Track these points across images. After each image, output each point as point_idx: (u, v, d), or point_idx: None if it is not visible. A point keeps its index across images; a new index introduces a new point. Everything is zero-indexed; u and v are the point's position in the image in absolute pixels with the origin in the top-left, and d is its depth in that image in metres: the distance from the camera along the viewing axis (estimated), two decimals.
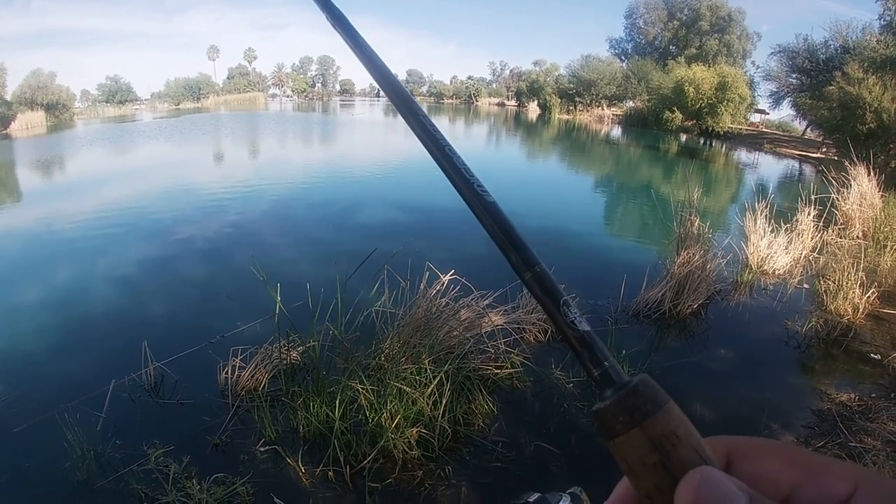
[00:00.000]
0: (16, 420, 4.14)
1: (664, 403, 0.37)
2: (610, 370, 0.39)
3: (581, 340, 0.40)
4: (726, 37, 61.74)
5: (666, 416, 0.36)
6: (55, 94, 56.44)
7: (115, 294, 7.04)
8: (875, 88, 20.05)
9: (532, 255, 0.43)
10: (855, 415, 4.52)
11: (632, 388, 0.37)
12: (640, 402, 0.37)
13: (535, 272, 0.42)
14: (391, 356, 4.23)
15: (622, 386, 0.38)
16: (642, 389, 0.37)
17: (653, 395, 0.37)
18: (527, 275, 0.42)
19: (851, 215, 10.68)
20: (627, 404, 0.37)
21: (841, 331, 6.03)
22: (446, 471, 3.68)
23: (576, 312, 0.41)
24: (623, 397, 0.37)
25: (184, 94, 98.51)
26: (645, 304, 6.48)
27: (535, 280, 0.42)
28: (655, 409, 0.36)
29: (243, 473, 3.52)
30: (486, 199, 0.44)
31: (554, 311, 0.41)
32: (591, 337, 0.40)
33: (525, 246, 0.43)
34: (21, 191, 17.25)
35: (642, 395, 0.37)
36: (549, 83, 75.04)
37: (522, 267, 0.43)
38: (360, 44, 0.53)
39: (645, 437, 0.36)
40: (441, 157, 0.46)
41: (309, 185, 16.26)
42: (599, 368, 0.39)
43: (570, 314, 0.41)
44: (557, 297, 0.41)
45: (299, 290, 4.73)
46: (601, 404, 0.38)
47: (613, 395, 0.38)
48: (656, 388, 0.38)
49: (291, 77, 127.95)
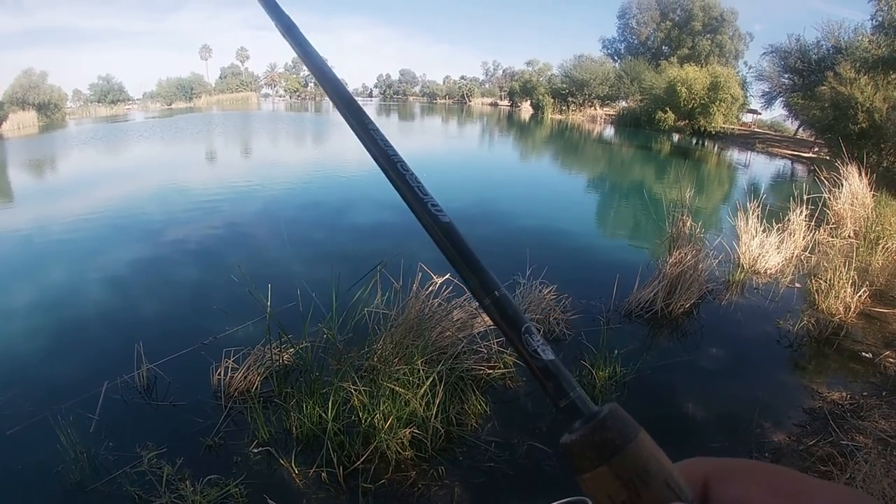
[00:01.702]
0: (8, 422, 4.13)
1: (633, 437, 0.36)
2: (577, 401, 0.38)
3: (545, 370, 0.39)
4: (719, 37, 61.92)
5: (636, 451, 0.35)
6: (47, 94, 56.28)
7: (107, 295, 7.02)
8: (867, 88, 20.14)
9: (492, 279, 0.41)
10: (847, 413, 4.55)
11: (599, 422, 0.36)
12: (608, 436, 0.36)
13: (495, 298, 0.40)
14: (384, 357, 4.24)
15: (590, 418, 0.37)
16: (610, 423, 0.36)
17: (622, 428, 0.36)
18: (486, 300, 0.40)
19: (843, 215, 10.74)
20: (595, 439, 0.36)
21: (832, 330, 6.06)
22: (439, 471, 3.68)
23: (539, 340, 0.39)
24: (591, 431, 0.36)
25: (176, 94, 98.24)
26: (637, 304, 6.50)
27: (495, 306, 0.40)
28: (624, 443, 0.35)
29: (237, 475, 3.52)
30: (441, 220, 0.42)
31: (515, 340, 0.39)
32: (555, 366, 0.39)
33: (484, 269, 0.41)
34: (12, 192, 17.15)
35: (610, 429, 0.36)
36: (542, 83, 75.13)
37: (481, 292, 0.41)
38: (309, 53, 0.50)
39: (613, 475, 0.35)
40: (393, 173, 0.44)
41: (301, 185, 16.23)
42: (565, 399, 0.38)
43: (533, 342, 0.39)
44: (519, 325, 0.39)
45: (292, 292, 4.73)
46: (568, 437, 0.37)
47: (581, 427, 0.37)
48: (626, 418, 0.37)
49: (284, 77, 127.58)
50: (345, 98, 0.47)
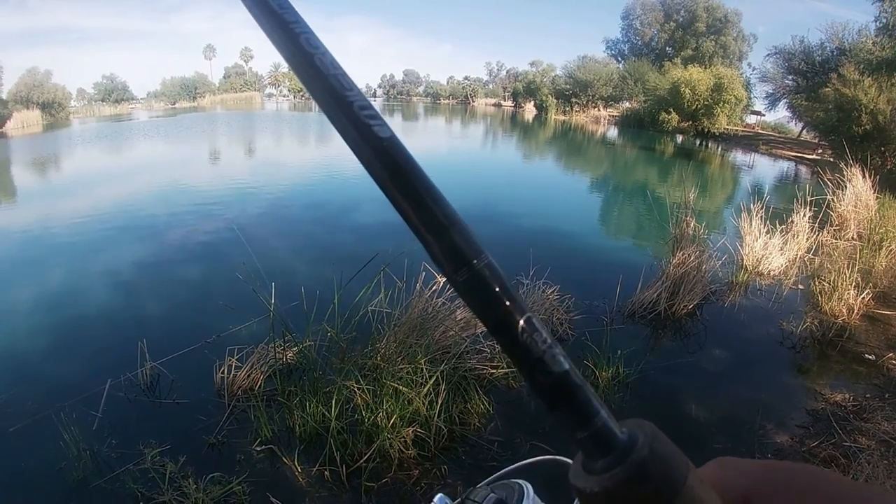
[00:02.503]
0: (12, 420, 4.14)
1: (682, 484, 0.26)
2: (604, 430, 0.27)
3: (556, 388, 0.28)
4: (722, 38, 61.89)
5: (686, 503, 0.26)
6: (51, 93, 56.45)
7: (110, 293, 7.03)
8: (871, 90, 20.12)
9: (473, 243, 0.27)
10: (849, 415, 4.54)
11: (637, 465, 0.26)
12: (648, 488, 0.25)
13: (474, 271, 0.27)
14: (387, 356, 4.24)
15: (622, 455, 0.26)
16: (652, 467, 0.26)
17: (667, 474, 0.26)
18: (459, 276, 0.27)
19: (846, 216, 10.72)
20: (630, 494, 0.25)
21: (836, 331, 6.05)
22: (442, 470, 3.69)
23: (546, 339, 0.28)
24: (624, 480, 0.26)
25: (180, 94, 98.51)
26: (640, 305, 6.49)
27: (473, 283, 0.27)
28: (672, 495, 0.26)
29: (239, 473, 3.52)
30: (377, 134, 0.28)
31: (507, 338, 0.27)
32: (568, 380, 0.28)
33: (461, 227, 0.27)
34: (16, 190, 17.20)
35: (653, 478, 0.26)
36: (546, 84, 75.15)
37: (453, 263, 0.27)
38: None
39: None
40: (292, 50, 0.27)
41: (305, 185, 16.25)
42: (585, 430, 0.27)
43: (539, 343, 0.27)
44: (516, 315, 0.27)
45: (295, 290, 4.73)
46: (588, 483, 0.27)
47: (607, 468, 0.26)
48: (671, 457, 0.27)
49: (288, 77, 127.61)
50: None
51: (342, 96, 0.26)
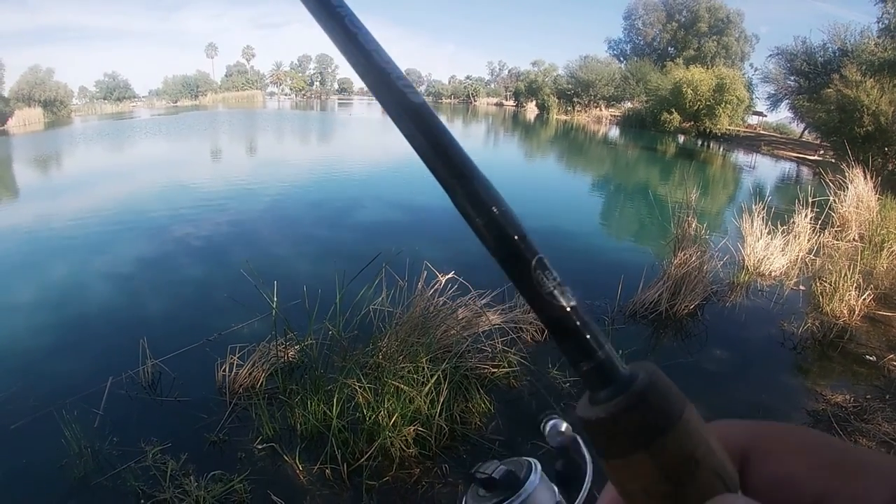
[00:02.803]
0: (13, 417, 4.14)
1: (680, 415, 0.28)
2: (606, 363, 0.28)
3: (562, 322, 0.29)
4: (725, 39, 61.95)
5: (682, 435, 0.27)
6: (53, 91, 56.53)
7: (112, 291, 7.04)
8: (873, 91, 20.10)
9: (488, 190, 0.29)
10: (850, 416, 4.54)
11: (637, 395, 0.28)
12: (648, 415, 0.27)
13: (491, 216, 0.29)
14: (389, 355, 4.24)
15: (623, 387, 0.28)
16: (651, 396, 0.28)
17: (665, 403, 0.28)
18: (478, 220, 0.29)
19: (848, 218, 10.72)
20: (630, 418, 0.27)
21: (837, 332, 6.04)
22: (443, 469, 3.69)
23: (555, 279, 0.29)
24: (624, 408, 0.27)
25: (182, 92, 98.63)
26: (641, 305, 6.49)
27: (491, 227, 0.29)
28: (668, 425, 0.27)
29: (241, 471, 3.52)
30: (412, 100, 0.29)
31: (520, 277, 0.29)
32: (577, 315, 0.29)
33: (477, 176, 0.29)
34: (18, 187, 17.22)
35: (651, 406, 0.27)
36: (548, 83, 75.24)
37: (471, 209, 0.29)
38: None
39: (653, 465, 0.27)
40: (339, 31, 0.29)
41: (307, 183, 16.26)
42: (589, 361, 0.29)
43: (548, 282, 0.29)
44: (527, 256, 0.28)
45: (297, 289, 4.73)
46: (592, 411, 0.28)
47: (610, 398, 0.28)
48: (669, 390, 0.29)
49: (290, 75, 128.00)
50: None
51: (382, 69, 0.29)
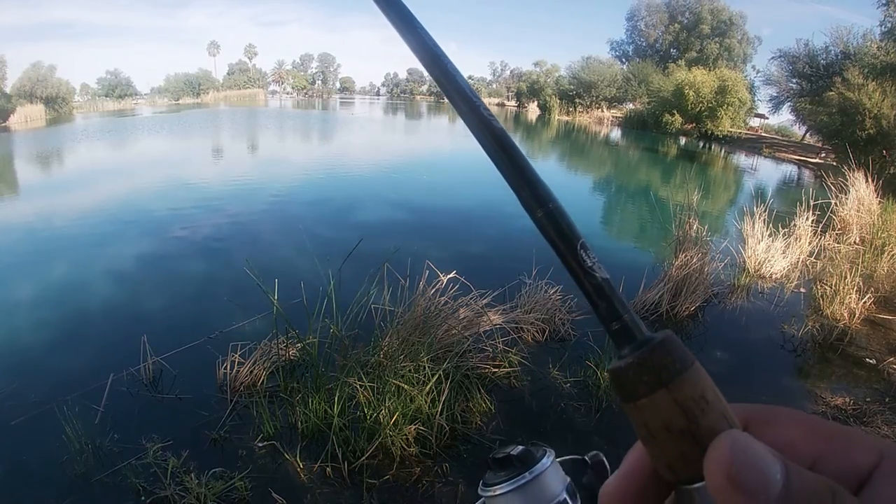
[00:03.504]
0: (14, 412, 4.15)
1: (692, 363, 0.34)
2: (630, 323, 0.36)
3: (599, 289, 0.37)
4: (727, 40, 61.92)
5: (694, 377, 0.34)
6: (55, 88, 56.51)
7: (113, 289, 7.04)
8: (875, 94, 20.11)
9: (545, 191, 0.38)
10: (849, 418, 4.55)
11: (657, 345, 0.34)
12: (666, 360, 0.34)
13: (548, 209, 0.38)
14: (390, 354, 4.24)
15: (645, 342, 0.35)
16: (668, 346, 0.34)
17: (680, 354, 0.34)
18: (538, 213, 0.38)
19: (849, 220, 10.73)
20: (652, 363, 0.33)
21: (837, 335, 6.05)
22: (443, 468, 3.70)
23: (594, 258, 0.38)
24: (647, 355, 0.34)
25: (183, 90, 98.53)
26: (642, 306, 6.49)
27: (548, 218, 0.38)
28: (683, 368, 0.34)
29: (241, 468, 3.53)
30: (493, 125, 0.40)
31: (569, 255, 0.37)
32: (609, 286, 0.37)
33: (537, 179, 0.39)
34: (19, 184, 17.23)
35: (669, 353, 0.34)
36: (550, 84, 75.21)
37: (534, 204, 0.38)
38: None
39: (672, 400, 0.33)
40: (439, 73, 0.41)
41: (308, 182, 16.25)
42: (618, 322, 0.36)
43: (588, 259, 0.37)
44: (573, 240, 0.37)
45: (298, 287, 4.74)
46: (620, 363, 0.35)
47: (635, 351, 0.34)
48: (682, 346, 0.35)
49: (292, 74, 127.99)
50: None
51: (474, 102, 0.40)
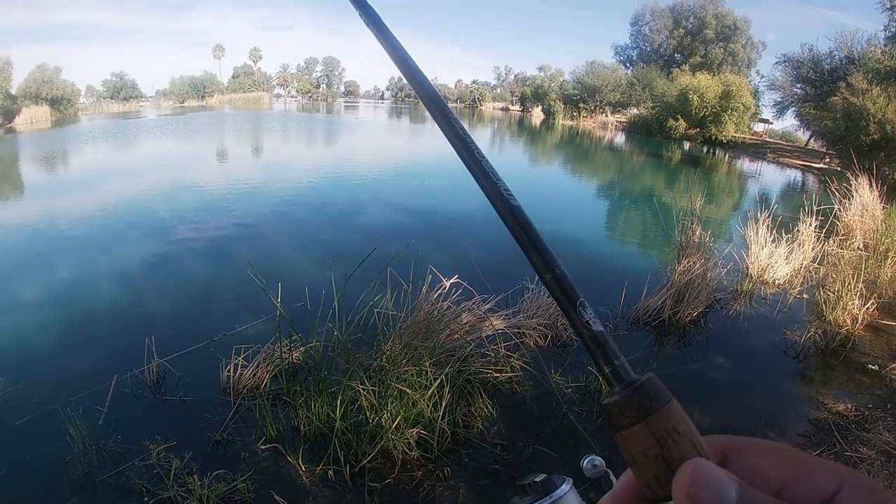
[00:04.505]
0: (18, 413, 4.16)
1: (667, 401, 0.39)
2: (619, 368, 0.41)
3: (595, 340, 0.42)
4: (731, 45, 61.83)
5: (668, 413, 0.39)
6: (60, 89, 56.67)
7: (118, 291, 7.07)
8: (879, 100, 20.11)
9: (552, 258, 0.45)
10: (851, 424, 4.54)
11: (639, 386, 0.40)
12: (645, 399, 0.39)
13: (556, 274, 0.44)
14: (392, 358, 4.26)
15: (630, 383, 0.40)
16: (648, 388, 0.40)
17: (657, 393, 0.40)
18: (547, 276, 0.44)
19: (853, 226, 10.70)
20: (634, 400, 0.39)
21: (839, 341, 6.05)
22: (445, 472, 3.70)
23: (591, 313, 0.43)
24: (630, 394, 0.40)
25: (188, 93, 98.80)
26: (645, 311, 6.49)
27: (555, 281, 0.44)
28: (659, 405, 0.39)
29: (244, 470, 3.55)
30: (511, 203, 0.47)
31: (571, 312, 0.43)
32: (603, 337, 0.42)
33: (546, 248, 0.45)
34: (25, 185, 17.30)
35: (648, 393, 0.39)
36: (554, 89, 75.19)
37: (543, 269, 0.44)
38: (394, 45, 0.53)
39: (648, 431, 0.38)
40: (470, 160, 0.48)
41: (312, 186, 16.27)
42: (610, 366, 0.42)
43: (586, 315, 0.43)
44: (574, 299, 0.44)
45: (301, 291, 4.76)
46: (610, 399, 0.40)
47: (622, 391, 0.40)
48: (661, 386, 0.40)
49: (296, 77, 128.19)
50: (428, 90, 0.51)
51: (495, 183, 0.47)
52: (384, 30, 0.54)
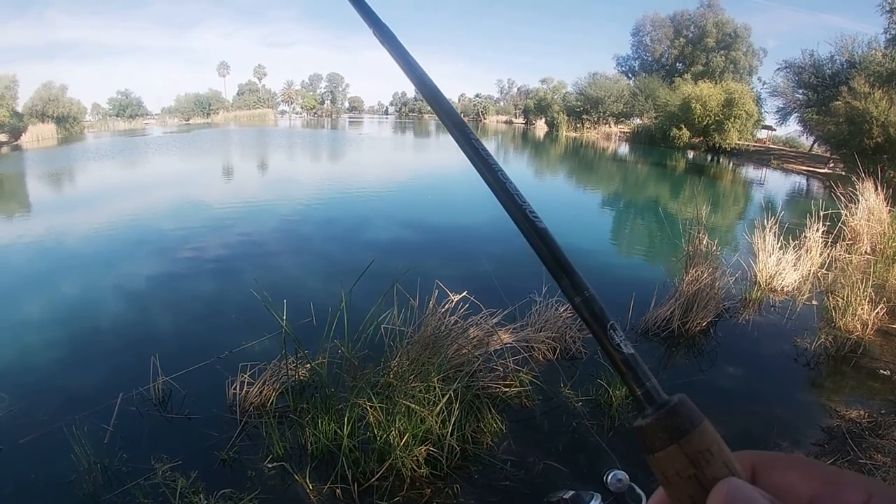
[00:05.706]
0: (23, 431, 4.16)
1: (700, 422, 0.39)
2: (651, 390, 0.41)
3: (626, 362, 0.42)
4: (732, 53, 61.95)
5: (701, 434, 0.39)
6: (66, 107, 57.05)
7: (123, 308, 7.07)
8: (881, 103, 20.10)
9: (581, 281, 0.44)
10: (864, 431, 4.49)
11: (671, 408, 0.39)
12: (678, 420, 0.39)
13: (585, 297, 0.43)
14: (400, 374, 4.22)
15: (662, 405, 0.40)
16: (680, 409, 0.40)
17: (690, 415, 0.39)
18: (577, 300, 0.43)
19: (859, 231, 10.66)
20: (667, 422, 0.39)
21: (850, 347, 6.00)
22: (454, 489, 3.66)
23: (621, 336, 0.43)
24: (663, 416, 0.39)
25: (194, 110, 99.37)
26: (654, 322, 6.45)
27: (585, 305, 0.43)
28: (692, 427, 0.39)
29: (250, 489, 3.51)
30: (538, 225, 0.46)
31: (601, 335, 0.43)
32: (634, 359, 0.42)
33: (575, 271, 0.44)
34: (31, 202, 17.38)
35: (680, 415, 0.39)
36: (557, 101, 75.54)
37: (572, 292, 0.44)
38: (409, 63, 0.53)
39: (682, 453, 0.38)
40: (493, 181, 0.47)
41: (318, 202, 16.29)
42: (642, 388, 0.41)
43: (617, 338, 0.43)
44: (605, 322, 0.43)
45: (308, 307, 4.74)
46: (643, 421, 0.40)
47: (654, 413, 0.40)
48: (693, 407, 0.40)
49: (301, 94, 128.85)
50: (447, 110, 0.52)
51: (520, 205, 0.46)
52: (399, 47, 0.55)
